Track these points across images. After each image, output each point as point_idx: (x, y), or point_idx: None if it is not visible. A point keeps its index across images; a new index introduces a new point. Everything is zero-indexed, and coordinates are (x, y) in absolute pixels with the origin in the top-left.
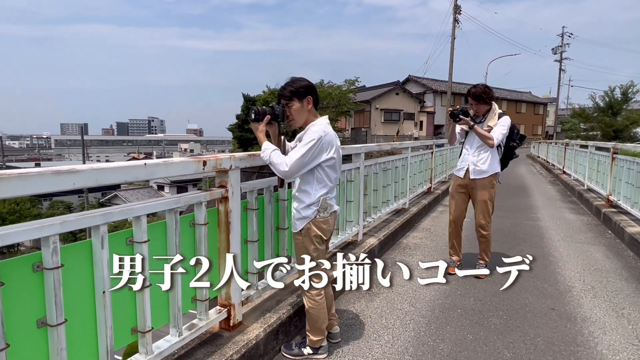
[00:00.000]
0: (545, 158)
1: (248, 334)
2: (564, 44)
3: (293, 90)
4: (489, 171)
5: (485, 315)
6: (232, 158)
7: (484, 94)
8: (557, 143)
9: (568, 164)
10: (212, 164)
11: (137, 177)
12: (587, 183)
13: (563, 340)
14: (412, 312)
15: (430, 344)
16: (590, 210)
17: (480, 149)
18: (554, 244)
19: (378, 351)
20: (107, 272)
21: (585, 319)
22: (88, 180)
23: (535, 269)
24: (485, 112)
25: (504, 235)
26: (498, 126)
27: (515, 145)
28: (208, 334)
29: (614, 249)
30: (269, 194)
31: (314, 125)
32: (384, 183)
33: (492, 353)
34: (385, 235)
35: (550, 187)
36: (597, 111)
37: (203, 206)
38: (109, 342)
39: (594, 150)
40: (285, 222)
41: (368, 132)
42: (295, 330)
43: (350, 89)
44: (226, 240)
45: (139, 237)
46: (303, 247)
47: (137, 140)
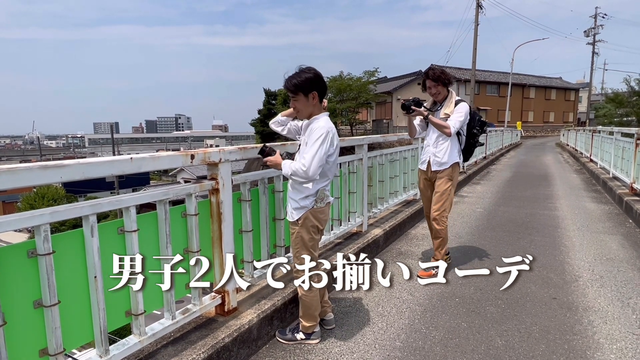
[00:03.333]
0: (574, 146)
1: (242, 319)
2: (597, 26)
3: (297, 84)
4: (449, 162)
5: (483, 304)
6: (222, 151)
7: (442, 74)
8: (585, 130)
9: (595, 152)
10: (200, 157)
11: (123, 171)
12: (613, 171)
13: (559, 329)
14: (409, 300)
15: (423, 331)
16: (613, 199)
17: (439, 139)
18: (567, 233)
19: (370, 337)
20: (98, 258)
21: (587, 309)
22: (75, 174)
23: (543, 258)
24: (444, 98)
25: (516, 225)
26: (455, 114)
27: (476, 132)
28: (204, 319)
29: (631, 238)
30: (263, 186)
31: (317, 120)
32: (391, 174)
33: (483, 340)
34: (392, 226)
35: (575, 176)
36: (632, 95)
37: (193, 197)
38: (102, 322)
39: (619, 136)
40: (281, 212)
41: (390, 124)
42: (292, 317)
43: (370, 80)
44: (218, 230)
45: (129, 227)
46: (299, 236)
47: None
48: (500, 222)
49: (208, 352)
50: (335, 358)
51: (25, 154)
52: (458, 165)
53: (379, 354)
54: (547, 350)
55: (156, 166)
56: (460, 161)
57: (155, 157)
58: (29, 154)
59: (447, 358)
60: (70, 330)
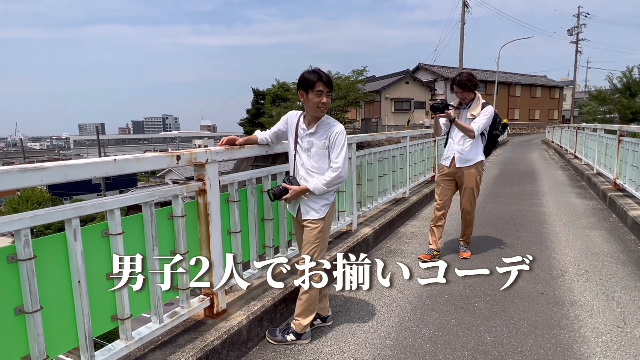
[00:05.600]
0: (559, 143)
1: (231, 320)
2: (580, 25)
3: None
4: (475, 159)
5: (472, 300)
6: (208, 152)
7: (469, 82)
8: (569, 127)
9: (579, 149)
10: (186, 158)
11: (107, 173)
12: (597, 167)
13: (547, 323)
14: (399, 298)
15: (413, 329)
16: (597, 194)
17: (464, 137)
18: (553, 229)
19: (361, 336)
20: (81, 262)
21: (574, 303)
22: (55, 176)
23: (530, 254)
24: (470, 100)
25: (504, 222)
26: (481, 116)
27: (498, 133)
28: (193, 321)
29: (615, 232)
30: (251, 186)
31: (336, 124)
32: (380, 173)
33: (472, 337)
34: (381, 224)
35: (560, 173)
36: (614, 93)
37: (180, 199)
38: (87, 328)
39: (602, 133)
40: (270, 213)
41: (378, 123)
42: (282, 318)
43: (358, 80)
44: (206, 232)
45: (114, 230)
46: (323, 231)
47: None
48: (489, 219)
49: (197, 355)
50: (326, 358)
51: (8, 157)
52: (482, 163)
53: (369, 353)
54: (534, 345)
55: (140, 168)
56: (484, 159)
57: (139, 158)
58: (12, 156)
59: (437, 355)
60: (53, 337)
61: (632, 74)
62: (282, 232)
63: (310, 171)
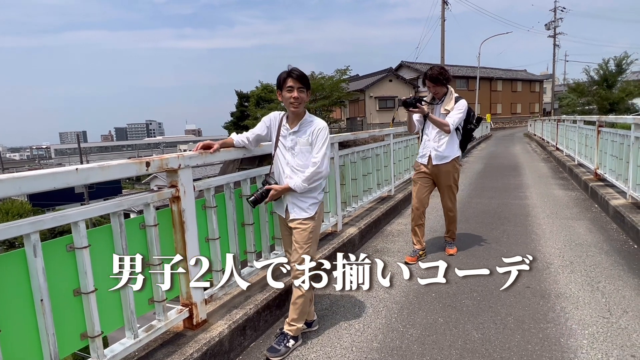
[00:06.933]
0: (541, 135)
1: (211, 331)
2: (557, 19)
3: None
4: (451, 155)
5: (458, 297)
6: (180, 157)
7: (441, 75)
8: (550, 120)
9: (560, 140)
10: (156, 165)
11: (68, 183)
12: (578, 158)
13: (534, 317)
14: (386, 298)
15: (400, 330)
16: (579, 185)
17: (439, 134)
18: (538, 221)
19: (347, 340)
20: (43, 280)
21: (559, 295)
22: (8, 189)
23: (516, 247)
24: (443, 95)
25: (489, 216)
26: (454, 110)
27: (473, 127)
28: (171, 334)
29: (598, 222)
30: (229, 191)
31: (316, 120)
32: (364, 171)
33: (460, 335)
34: (367, 223)
35: (542, 165)
36: (592, 85)
37: (151, 207)
38: (52, 349)
39: (582, 124)
40: (250, 217)
41: (364, 121)
42: (266, 325)
43: (342, 79)
44: (182, 240)
45: (79, 243)
46: (313, 230)
47: (136, 145)
48: (474, 214)
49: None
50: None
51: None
52: (458, 159)
53: (356, 357)
54: (522, 340)
55: (106, 176)
56: (460, 155)
57: (104, 166)
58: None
59: (425, 356)
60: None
61: (608, 66)
62: (264, 236)
63: (295, 169)
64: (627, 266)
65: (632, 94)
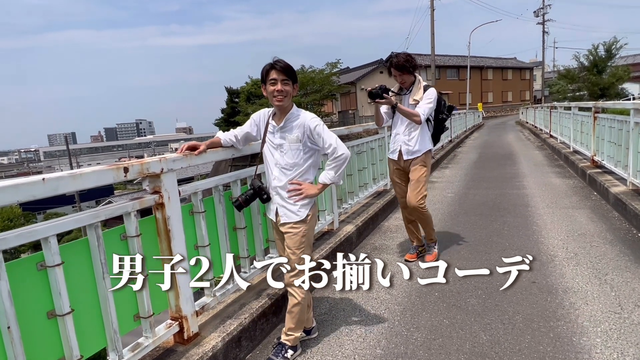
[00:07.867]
0: (533, 123)
1: (204, 345)
2: (546, 5)
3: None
4: (422, 149)
5: (463, 296)
6: (163, 160)
7: (407, 63)
8: (542, 107)
9: (554, 128)
10: (136, 170)
11: (34, 196)
12: (573, 145)
13: (542, 315)
14: (387, 300)
15: (404, 334)
16: (576, 172)
17: (409, 127)
18: (537, 211)
19: (349, 347)
20: (10, 304)
21: (567, 290)
22: None
23: (518, 240)
24: (410, 84)
25: (488, 207)
26: (424, 100)
27: (444, 117)
28: (161, 350)
29: (599, 211)
30: (218, 194)
31: (304, 112)
32: (360, 166)
33: (467, 338)
34: (364, 220)
35: (537, 153)
36: (582, 71)
37: (132, 216)
38: None
39: (577, 111)
40: (242, 221)
41: (356, 114)
42: (262, 334)
43: (333, 72)
44: (168, 250)
45: (51, 261)
46: (306, 234)
47: (127, 145)
48: (472, 206)
49: None
50: None
51: None
52: (430, 152)
53: None
54: (532, 341)
55: (78, 186)
56: (432, 148)
57: (75, 175)
58: None
59: None
60: None
61: (597, 51)
62: (257, 240)
63: (284, 169)
64: (633, 256)
65: (622, 79)
